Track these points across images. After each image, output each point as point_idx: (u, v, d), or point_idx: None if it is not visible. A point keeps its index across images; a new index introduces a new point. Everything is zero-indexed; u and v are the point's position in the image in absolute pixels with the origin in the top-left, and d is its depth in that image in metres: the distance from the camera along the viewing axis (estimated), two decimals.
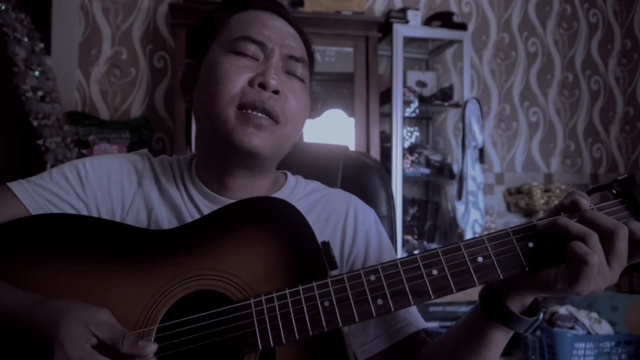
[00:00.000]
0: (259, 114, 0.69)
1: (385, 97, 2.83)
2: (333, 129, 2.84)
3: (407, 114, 2.91)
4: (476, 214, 2.75)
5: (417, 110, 2.93)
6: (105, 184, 0.77)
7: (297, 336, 0.57)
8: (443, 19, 2.91)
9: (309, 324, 0.57)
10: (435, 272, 0.57)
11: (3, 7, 2.04)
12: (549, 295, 0.58)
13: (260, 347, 0.58)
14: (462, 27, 2.93)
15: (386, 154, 2.81)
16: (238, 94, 0.70)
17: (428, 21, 2.94)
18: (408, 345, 0.73)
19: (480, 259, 0.57)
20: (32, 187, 0.73)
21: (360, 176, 1.00)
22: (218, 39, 0.75)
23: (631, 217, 0.56)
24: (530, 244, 0.57)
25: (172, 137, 2.72)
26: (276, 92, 0.71)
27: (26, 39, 2.14)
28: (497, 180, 3.26)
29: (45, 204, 0.73)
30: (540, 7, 3.38)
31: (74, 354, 0.53)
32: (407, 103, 2.84)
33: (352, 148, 2.51)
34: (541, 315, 0.61)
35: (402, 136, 2.78)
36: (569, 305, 2.51)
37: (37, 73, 2.18)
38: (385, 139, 2.87)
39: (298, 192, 0.82)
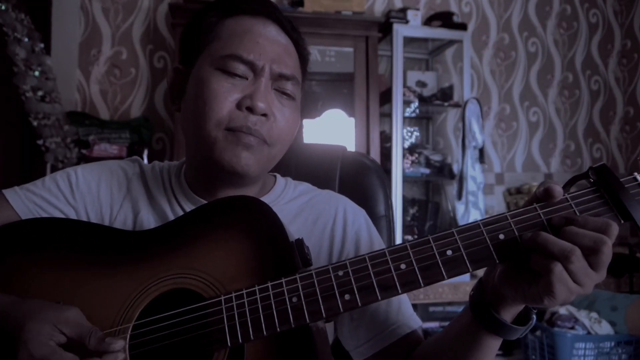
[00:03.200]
0: (247, 134, 0.69)
1: (385, 97, 2.83)
2: (333, 129, 2.84)
3: (407, 114, 2.91)
4: (476, 214, 2.75)
5: (417, 110, 2.93)
6: (94, 190, 0.78)
7: (264, 332, 0.57)
8: (443, 19, 2.91)
9: (276, 320, 0.57)
10: (403, 266, 0.57)
11: (3, 7, 2.04)
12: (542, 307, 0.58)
13: (228, 344, 0.58)
14: (462, 27, 2.92)
15: (386, 154, 2.80)
16: (226, 117, 0.69)
17: (428, 21, 2.93)
18: (400, 348, 0.73)
19: (449, 252, 0.56)
20: (24, 193, 0.76)
21: (358, 176, 1.00)
22: (208, 49, 0.73)
23: (604, 205, 0.56)
24: (501, 236, 0.56)
25: (172, 137, 2.72)
26: (264, 114, 0.70)
27: (26, 39, 2.14)
28: (497, 180, 3.26)
29: (35, 209, 0.75)
30: (540, 7, 3.37)
31: (37, 352, 0.54)
32: (407, 103, 2.84)
33: (352, 148, 2.51)
34: (534, 319, 0.61)
35: (402, 136, 2.77)
36: (569, 305, 2.50)
37: (37, 73, 2.19)
38: (385, 139, 2.87)
39: (286, 195, 0.82)
